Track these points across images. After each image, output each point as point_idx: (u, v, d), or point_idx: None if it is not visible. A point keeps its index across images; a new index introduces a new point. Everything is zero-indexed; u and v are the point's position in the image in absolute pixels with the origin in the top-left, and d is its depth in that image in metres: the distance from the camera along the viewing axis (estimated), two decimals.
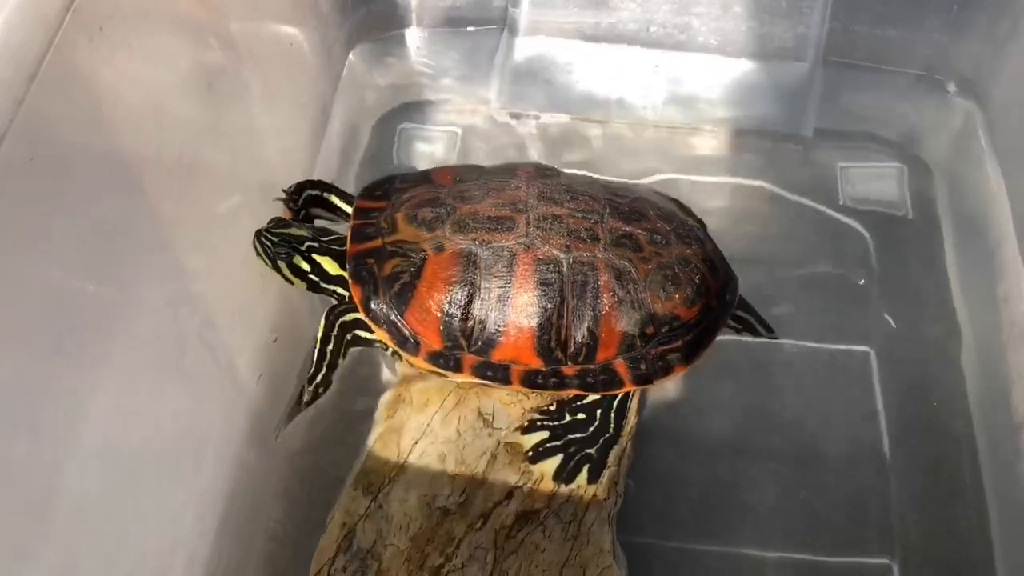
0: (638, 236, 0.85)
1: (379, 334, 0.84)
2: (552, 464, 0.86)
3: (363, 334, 0.89)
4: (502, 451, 0.87)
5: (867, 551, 0.94)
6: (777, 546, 0.94)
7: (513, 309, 0.82)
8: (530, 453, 0.86)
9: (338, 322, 0.88)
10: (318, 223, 0.99)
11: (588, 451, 0.86)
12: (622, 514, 0.87)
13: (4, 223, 0.61)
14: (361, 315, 0.85)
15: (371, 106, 1.24)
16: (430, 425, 0.88)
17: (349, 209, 0.96)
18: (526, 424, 0.88)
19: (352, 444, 0.92)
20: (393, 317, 0.83)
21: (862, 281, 1.08)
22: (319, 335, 0.88)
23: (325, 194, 0.97)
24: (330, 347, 0.88)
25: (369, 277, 0.84)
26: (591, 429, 0.87)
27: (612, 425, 0.87)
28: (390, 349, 0.87)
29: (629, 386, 0.85)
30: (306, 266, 0.88)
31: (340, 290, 0.89)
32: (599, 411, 0.87)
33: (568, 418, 0.87)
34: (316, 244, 0.88)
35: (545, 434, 0.87)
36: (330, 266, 0.88)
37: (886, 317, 1.07)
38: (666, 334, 0.84)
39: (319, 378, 0.88)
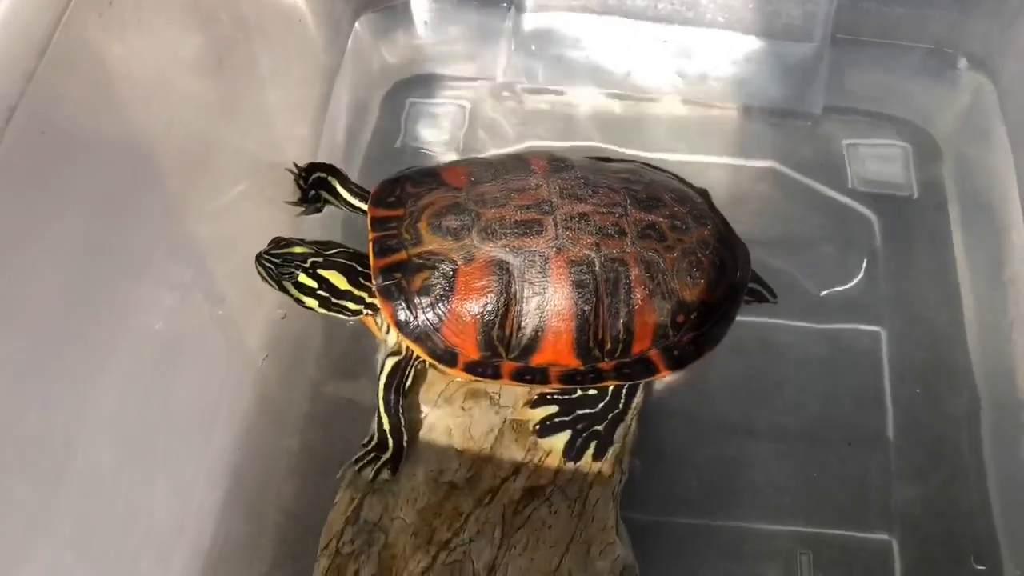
0: (660, 225, 0.84)
1: (414, 349, 0.83)
2: (560, 440, 0.86)
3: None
4: (508, 428, 0.87)
5: (868, 527, 0.95)
6: (782, 519, 0.95)
7: (550, 314, 0.81)
8: (537, 427, 0.87)
9: (392, 387, 0.86)
10: (326, 208, 1.00)
11: (596, 428, 0.87)
12: (629, 491, 0.88)
13: (15, 198, 0.62)
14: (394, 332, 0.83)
15: (378, 80, 1.24)
16: (437, 402, 0.89)
17: (349, 196, 0.95)
18: (535, 398, 0.88)
19: (365, 422, 0.92)
20: (428, 331, 0.82)
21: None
22: (387, 426, 0.85)
23: (330, 178, 0.96)
24: (401, 423, 0.86)
25: (399, 292, 0.82)
26: (600, 405, 0.87)
27: (622, 402, 0.88)
28: (426, 362, 0.85)
29: (665, 372, 0.85)
30: (312, 283, 0.84)
31: (351, 304, 0.87)
32: (610, 387, 0.87)
33: (579, 392, 0.87)
34: (320, 259, 0.85)
35: (554, 408, 0.87)
36: (338, 280, 0.85)
37: (892, 299, 1.07)
38: (695, 321, 0.84)
39: (390, 452, 0.86)
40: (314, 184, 0.97)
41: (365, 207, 0.90)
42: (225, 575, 0.88)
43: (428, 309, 0.81)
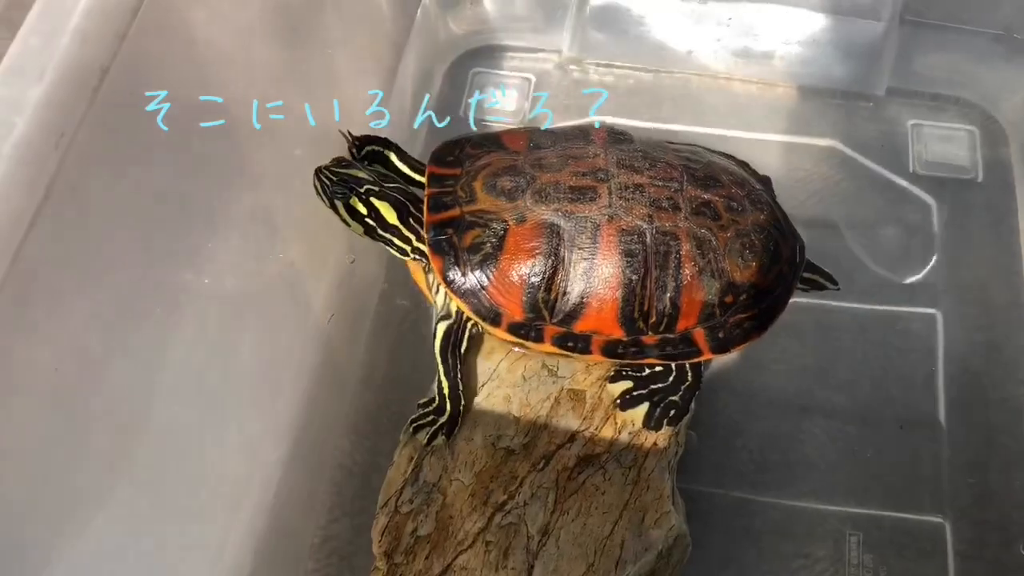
0: (716, 204, 0.84)
1: (459, 305, 0.83)
2: (640, 411, 0.87)
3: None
4: (565, 397, 0.89)
5: (920, 510, 0.95)
6: (833, 499, 0.96)
7: (597, 280, 0.81)
8: (618, 401, 0.88)
9: (448, 351, 0.87)
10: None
11: (672, 398, 0.87)
12: (683, 463, 0.89)
13: (105, 154, 0.64)
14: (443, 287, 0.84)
15: (444, 50, 1.25)
16: (496, 370, 0.90)
17: (406, 168, 0.95)
18: (612, 373, 0.89)
19: (418, 384, 0.94)
20: (475, 288, 0.82)
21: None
22: (446, 390, 0.87)
23: (386, 151, 0.96)
24: (459, 387, 0.87)
25: (449, 248, 0.82)
26: (671, 379, 0.88)
27: (689, 375, 0.88)
28: (477, 325, 0.86)
29: (708, 355, 0.84)
30: (363, 209, 0.86)
31: (397, 240, 0.88)
32: (674, 363, 0.88)
33: (647, 370, 0.88)
34: (376, 188, 0.86)
35: (629, 383, 0.88)
36: (388, 213, 0.86)
37: (950, 282, 1.07)
38: (743, 302, 0.84)
39: (446, 416, 0.87)
40: (367, 156, 0.97)
41: (421, 178, 0.91)
42: (287, 527, 0.91)
43: (476, 267, 0.82)
